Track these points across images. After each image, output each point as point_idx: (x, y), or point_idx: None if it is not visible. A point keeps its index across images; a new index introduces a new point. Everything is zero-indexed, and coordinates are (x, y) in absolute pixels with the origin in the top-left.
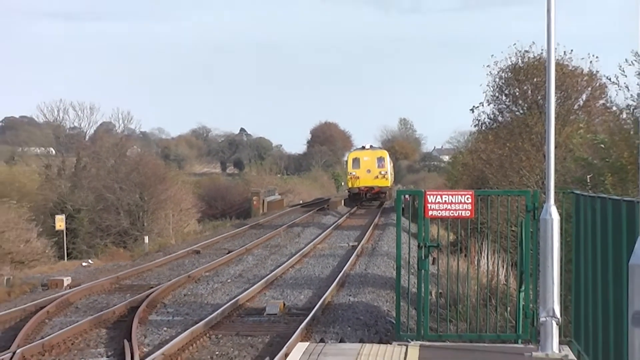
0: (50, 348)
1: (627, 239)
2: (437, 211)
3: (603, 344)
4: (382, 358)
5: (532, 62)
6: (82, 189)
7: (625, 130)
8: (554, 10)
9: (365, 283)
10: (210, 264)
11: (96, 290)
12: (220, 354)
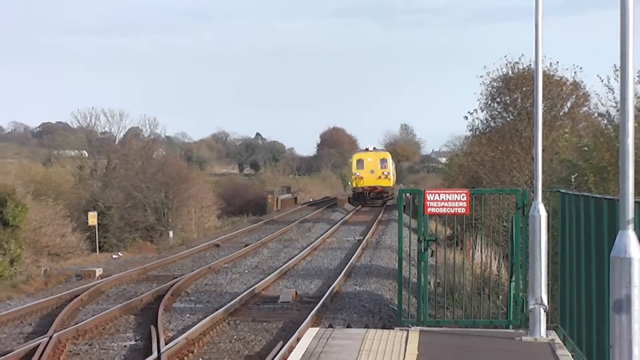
0: (83, 333)
1: (608, 233)
2: (435, 208)
3: (586, 329)
4: (385, 342)
5: (521, 72)
6: (112, 188)
7: (606, 135)
8: (541, 25)
9: (370, 274)
10: (229, 256)
11: (125, 280)
12: (238, 338)
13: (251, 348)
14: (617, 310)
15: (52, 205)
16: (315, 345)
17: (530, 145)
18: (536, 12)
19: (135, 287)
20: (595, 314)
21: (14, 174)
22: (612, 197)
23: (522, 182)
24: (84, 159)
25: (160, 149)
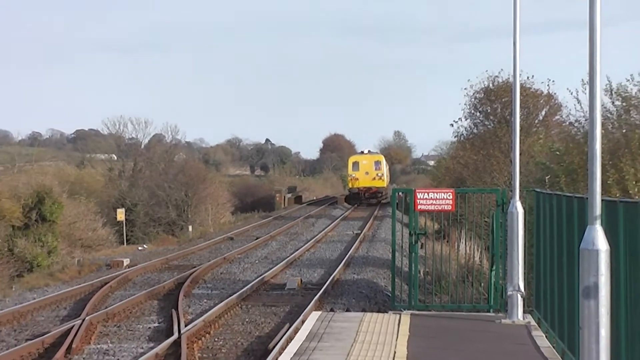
0: (112, 316)
1: (577, 227)
2: (425, 205)
3: (559, 313)
4: (380, 324)
5: (501, 85)
6: (138, 187)
7: (576, 140)
8: (519, 43)
9: (367, 264)
10: (241, 248)
11: (150, 269)
12: (249, 320)
13: (261, 329)
14: (586, 296)
15: (85, 202)
16: (318, 327)
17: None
18: (514, 32)
19: (158, 276)
20: (566, 300)
21: (51, 175)
22: (582, 196)
23: (502, 183)
24: (113, 161)
25: (181, 153)
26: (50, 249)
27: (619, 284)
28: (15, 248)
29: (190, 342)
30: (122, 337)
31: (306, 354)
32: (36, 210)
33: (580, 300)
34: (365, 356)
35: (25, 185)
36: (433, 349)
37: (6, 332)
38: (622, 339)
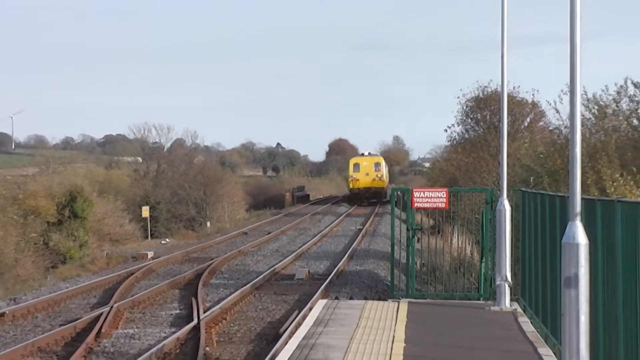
0: (138, 303)
1: (559, 223)
2: (421, 203)
3: (542, 301)
4: (380, 311)
5: (490, 94)
6: (161, 187)
7: (558, 144)
8: (506, 56)
9: (368, 256)
10: (255, 242)
11: (171, 261)
12: (262, 307)
13: (272, 316)
14: (567, 285)
15: (113, 201)
16: (324, 313)
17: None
18: (502, 46)
19: (179, 267)
20: (549, 289)
21: (82, 176)
22: (563, 195)
23: (491, 183)
24: (138, 163)
25: (200, 156)
26: (82, 243)
27: (597, 275)
28: (50, 242)
29: (209, 327)
30: (146, 322)
31: (313, 338)
32: (69, 208)
33: (562, 289)
34: (367, 340)
35: (59, 185)
36: (428, 334)
37: (42, 318)
38: (600, 324)
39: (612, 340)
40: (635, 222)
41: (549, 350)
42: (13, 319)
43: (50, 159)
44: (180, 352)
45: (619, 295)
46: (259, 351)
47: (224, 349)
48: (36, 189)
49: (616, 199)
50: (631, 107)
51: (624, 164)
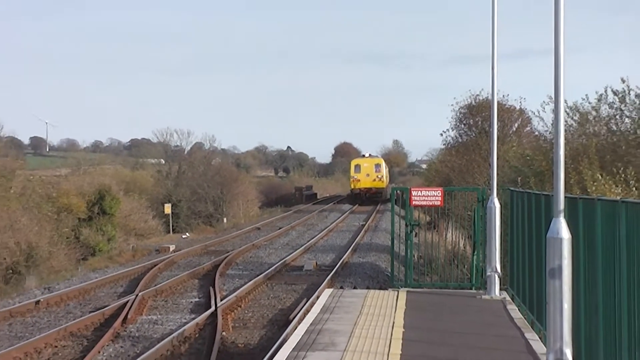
0: (161, 292)
1: (544, 220)
2: (418, 201)
3: (529, 290)
4: (381, 299)
5: (481, 102)
6: (182, 186)
7: (543, 148)
8: (496, 68)
9: (370, 249)
10: (267, 236)
11: (191, 253)
12: (273, 296)
13: (283, 303)
14: (552, 276)
15: (138, 199)
16: (330, 301)
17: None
18: (492, 58)
19: (198, 259)
20: (535, 279)
21: (110, 176)
22: (548, 193)
23: (482, 183)
24: (161, 165)
25: (217, 158)
26: (109, 237)
27: (579, 267)
28: (80, 236)
29: (225, 314)
30: (168, 309)
31: (320, 323)
32: (98, 205)
33: (547, 280)
34: (369, 326)
35: (89, 184)
36: (425, 320)
37: (73, 305)
38: (581, 311)
39: (592, 326)
40: (613, 218)
41: (535, 335)
42: (47, 306)
43: (81, 160)
44: (199, 337)
45: (599, 285)
46: (271, 336)
47: (239, 334)
48: (68, 188)
49: (596, 197)
50: (610, 114)
51: (603, 166)
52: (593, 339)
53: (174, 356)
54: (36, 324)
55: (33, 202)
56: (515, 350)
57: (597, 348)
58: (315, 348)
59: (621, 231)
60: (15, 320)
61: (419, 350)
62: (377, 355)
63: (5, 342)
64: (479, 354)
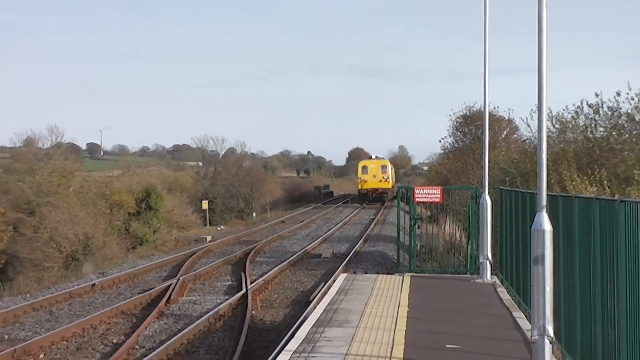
0: (199, 276)
1: (529, 214)
2: (421, 198)
3: (516, 275)
4: (389, 282)
5: (475, 113)
6: (217, 185)
7: (528, 152)
8: (487, 83)
9: (379, 239)
10: (290, 228)
11: (225, 243)
12: (296, 280)
13: (304, 286)
14: (535, 263)
15: (179, 196)
16: (345, 284)
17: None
18: (484, 75)
19: (231, 248)
20: (521, 265)
21: (155, 177)
22: (532, 192)
23: (475, 182)
24: (199, 167)
25: (247, 161)
26: (155, 229)
27: (559, 255)
28: (130, 228)
29: (254, 295)
30: (206, 291)
31: (336, 303)
32: (145, 202)
33: (532, 266)
34: (378, 305)
35: (137, 184)
36: (426, 300)
37: (124, 288)
38: (561, 294)
39: (570, 305)
40: (588, 213)
41: (521, 313)
42: (102, 289)
43: (130, 163)
44: (232, 315)
45: (576, 270)
46: (294, 314)
47: (267, 312)
48: (119, 187)
49: (574, 195)
50: (586, 123)
51: (580, 168)
52: (571, 317)
53: (210, 332)
54: (92, 303)
55: (89, 199)
56: (505, 327)
57: (575, 324)
58: (332, 324)
59: (595, 224)
60: (74, 300)
61: (421, 327)
62: (385, 330)
63: (66, 320)
64: (473, 330)
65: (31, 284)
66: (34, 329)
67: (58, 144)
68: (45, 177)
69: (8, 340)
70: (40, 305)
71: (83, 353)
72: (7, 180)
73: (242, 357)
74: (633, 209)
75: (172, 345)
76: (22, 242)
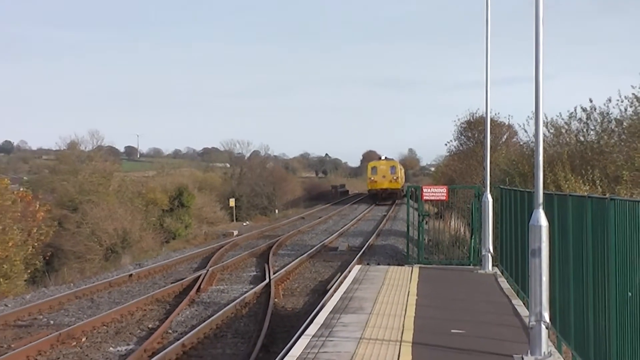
0: (227, 267)
1: (527, 211)
2: (428, 196)
3: (515, 266)
4: (399, 272)
5: (477, 119)
6: (243, 185)
7: (525, 154)
8: (489, 92)
9: (391, 234)
10: (309, 224)
11: (250, 237)
12: (315, 270)
13: (322, 276)
14: (533, 255)
15: (208, 195)
16: (359, 275)
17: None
18: (486, 84)
19: (256, 242)
20: (520, 258)
21: (187, 177)
22: (530, 190)
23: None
24: (226, 168)
25: (270, 162)
26: (186, 224)
27: (554, 248)
28: (164, 224)
29: (277, 285)
30: (233, 281)
31: (352, 292)
32: (177, 199)
33: (529, 258)
34: (389, 293)
35: (171, 183)
36: (433, 289)
37: (159, 278)
38: (556, 283)
39: (564, 294)
40: (581, 210)
41: (520, 301)
42: (138, 278)
43: (164, 165)
44: (257, 302)
45: (570, 262)
46: (313, 301)
47: (288, 300)
48: (154, 186)
49: (568, 193)
50: (578, 128)
51: (573, 168)
52: (565, 304)
53: (237, 318)
54: (129, 292)
55: (127, 197)
56: (504, 313)
57: (569, 311)
58: (347, 311)
59: (587, 220)
60: (114, 289)
61: (428, 313)
62: (396, 317)
63: (106, 307)
64: (476, 316)
65: (74, 274)
66: (76, 315)
67: (99, 147)
68: (87, 177)
69: (54, 325)
70: (82, 293)
71: (121, 337)
72: (53, 180)
73: (265, 340)
74: (622, 207)
75: (202, 330)
76: (66, 236)
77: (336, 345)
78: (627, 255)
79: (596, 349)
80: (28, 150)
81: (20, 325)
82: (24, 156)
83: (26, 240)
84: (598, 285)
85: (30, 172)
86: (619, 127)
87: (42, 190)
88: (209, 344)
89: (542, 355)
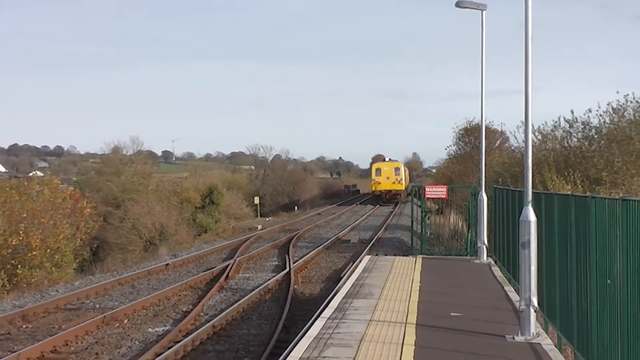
0: (252, 258)
1: (518, 208)
2: (430, 195)
3: (507, 256)
4: (405, 262)
5: (474, 126)
6: (266, 185)
7: (516, 158)
8: (484, 102)
9: (397, 228)
10: (325, 219)
11: (273, 231)
12: (330, 260)
13: (336, 266)
14: (523, 247)
15: (236, 193)
16: (369, 264)
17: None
18: (481, 95)
19: (278, 235)
20: (511, 248)
21: (216, 178)
22: (520, 189)
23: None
24: (252, 170)
25: (291, 165)
26: (216, 220)
27: (542, 241)
28: (196, 219)
29: (296, 273)
30: (257, 270)
31: (362, 279)
32: (208, 198)
33: (520, 249)
34: (396, 280)
35: (203, 183)
36: (435, 276)
37: (192, 267)
38: (543, 272)
39: (551, 281)
40: (566, 207)
41: (511, 288)
42: (174, 267)
43: (197, 167)
44: (279, 288)
45: (556, 253)
46: (328, 287)
47: (306, 286)
48: (188, 186)
49: (554, 192)
50: (562, 135)
51: (558, 170)
52: (551, 290)
53: (261, 302)
54: (166, 279)
55: (164, 196)
56: (498, 298)
57: (554, 296)
58: (358, 296)
59: (571, 216)
60: (152, 277)
61: (430, 298)
62: (402, 301)
63: (145, 292)
64: (472, 300)
65: (117, 264)
66: (119, 299)
67: (139, 152)
68: (129, 178)
69: (99, 309)
70: (124, 280)
71: (159, 319)
72: (98, 180)
73: (286, 322)
74: (602, 204)
75: (230, 312)
76: (110, 230)
77: (349, 326)
78: (607, 247)
79: (579, 329)
80: (77, 154)
81: (70, 308)
82: (73, 159)
83: (75, 233)
84: (581, 273)
85: (79, 173)
86: (599, 134)
87: (89, 189)
88: (236, 325)
89: (531, 336)
